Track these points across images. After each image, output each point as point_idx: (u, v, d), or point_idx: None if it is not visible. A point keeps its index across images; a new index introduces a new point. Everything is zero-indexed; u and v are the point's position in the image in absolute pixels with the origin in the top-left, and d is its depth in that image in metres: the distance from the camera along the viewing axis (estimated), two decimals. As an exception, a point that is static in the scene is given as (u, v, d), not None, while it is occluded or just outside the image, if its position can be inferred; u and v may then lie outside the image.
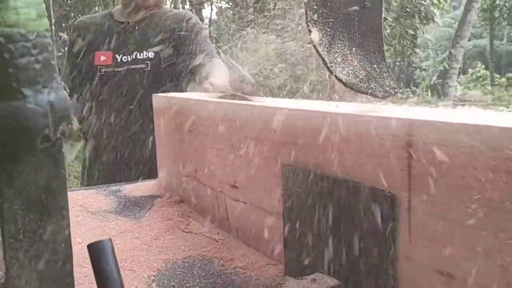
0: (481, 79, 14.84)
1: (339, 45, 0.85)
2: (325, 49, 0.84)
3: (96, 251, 0.48)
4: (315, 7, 0.83)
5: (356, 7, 0.85)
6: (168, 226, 1.26)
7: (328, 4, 0.84)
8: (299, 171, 0.87)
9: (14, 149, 0.43)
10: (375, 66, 0.88)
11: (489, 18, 12.94)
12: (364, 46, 0.87)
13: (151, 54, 2.06)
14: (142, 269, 1.00)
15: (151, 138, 1.78)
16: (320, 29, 0.85)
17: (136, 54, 2.06)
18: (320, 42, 0.84)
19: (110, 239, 0.49)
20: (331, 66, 0.85)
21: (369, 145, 0.70)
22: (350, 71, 0.85)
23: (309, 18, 0.85)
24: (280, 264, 1.01)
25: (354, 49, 0.87)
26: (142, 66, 2.05)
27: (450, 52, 7.46)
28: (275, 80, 8.48)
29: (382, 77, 0.88)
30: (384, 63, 0.89)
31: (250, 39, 9.13)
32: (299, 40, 9.11)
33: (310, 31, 0.86)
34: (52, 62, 0.42)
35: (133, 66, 2.05)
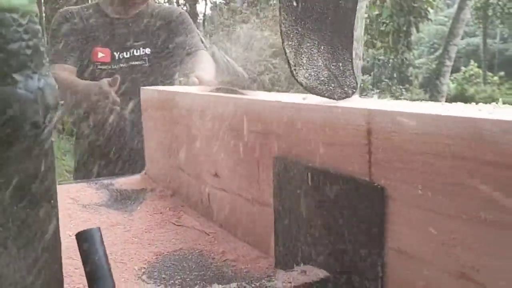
0: (473, 77, 14.92)
1: (308, 44, 0.84)
2: (293, 50, 0.83)
3: (85, 240, 0.48)
4: (288, 5, 0.82)
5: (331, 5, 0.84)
6: (159, 220, 1.26)
7: (302, 3, 0.83)
8: (289, 164, 0.87)
9: (2, 135, 0.43)
10: (340, 64, 0.87)
11: (482, 17, 13.00)
12: (333, 43, 0.86)
13: (148, 51, 2.08)
14: (132, 262, 1.00)
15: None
16: (291, 29, 0.84)
17: (133, 51, 2.07)
18: (289, 43, 0.83)
19: (99, 228, 0.49)
20: (295, 69, 0.84)
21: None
22: (312, 73, 0.85)
23: (282, 18, 0.84)
24: (270, 257, 1.01)
25: (323, 47, 0.86)
26: (141, 62, 2.07)
27: (444, 50, 7.49)
28: (269, 75, 8.48)
29: (344, 75, 0.87)
30: (350, 60, 0.88)
31: (244, 34, 9.12)
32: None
33: (281, 31, 0.85)
34: (42, 49, 0.42)
35: (132, 63, 2.06)
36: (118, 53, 2.08)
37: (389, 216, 0.69)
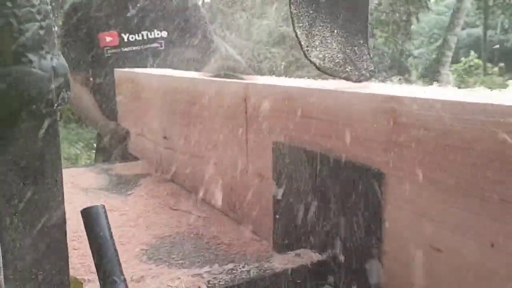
0: (473, 68, 14.90)
1: (320, 27, 0.85)
2: (304, 32, 0.84)
3: (90, 216, 0.49)
4: None
5: None
6: (156, 204, 1.28)
7: None
8: (287, 148, 0.88)
9: (16, 113, 0.44)
10: (356, 48, 0.89)
11: (483, 7, 12.94)
12: (347, 27, 0.87)
13: (164, 34, 2.02)
14: (132, 244, 1.02)
15: None
16: (302, 11, 0.85)
17: (147, 34, 2.01)
18: (300, 25, 0.84)
19: (103, 205, 0.50)
20: (307, 49, 0.85)
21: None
22: (326, 55, 0.86)
23: (291, 0, 0.85)
24: (263, 240, 1.03)
25: (336, 31, 0.87)
26: (156, 45, 2.01)
27: (444, 40, 7.48)
28: (267, 63, 8.47)
29: (361, 59, 0.89)
30: (366, 45, 0.90)
31: (243, 23, 9.09)
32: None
33: (291, 13, 0.86)
34: (54, 29, 0.43)
35: (144, 46, 2.00)
36: (128, 34, 2.02)
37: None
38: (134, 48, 2.03)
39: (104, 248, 0.48)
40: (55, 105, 0.45)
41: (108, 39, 1.99)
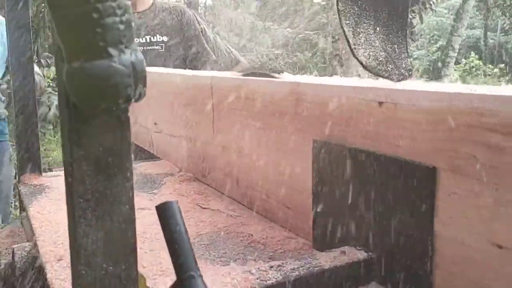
0: (474, 69, 14.93)
1: (365, 24, 0.86)
2: (351, 29, 0.85)
3: (165, 211, 0.49)
4: None
5: None
6: (185, 202, 1.28)
7: None
8: (331, 147, 0.88)
9: (95, 108, 0.44)
10: (396, 46, 0.89)
11: (483, 9, 12.97)
12: (389, 25, 0.88)
13: (165, 38, 2.33)
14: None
15: None
16: (348, 8, 0.86)
17: (150, 38, 2.32)
18: (347, 22, 0.85)
19: (177, 201, 0.50)
20: (354, 48, 0.86)
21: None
22: (371, 53, 0.87)
23: None
24: (299, 238, 1.03)
25: (378, 28, 0.88)
26: (157, 48, 2.30)
27: (448, 41, 7.50)
28: (270, 65, 8.47)
29: (400, 58, 0.89)
30: (405, 43, 0.90)
31: (246, 25, 9.10)
32: (295, 27, 9.08)
33: (339, 10, 0.87)
34: (132, 24, 0.43)
35: (148, 48, 2.30)
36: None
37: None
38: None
39: (180, 243, 0.48)
40: (133, 100, 0.46)
41: None
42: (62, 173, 1.63)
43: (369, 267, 0.80)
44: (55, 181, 1.46)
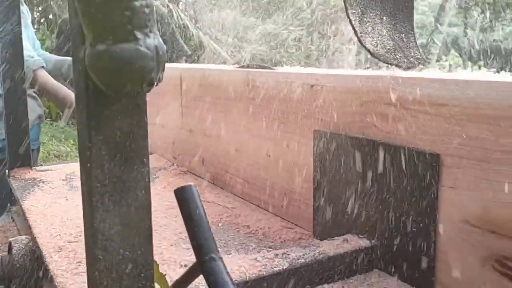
0: (453, 66, 15.13)
1: (371, 14, 0.87)
2: (357, 18, 0.86)
3: (184, 195, 0.50)
4: None
5: None
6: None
7: None
8: (332, 136, 0.89)
9: (120, 91, 0.44)
10: (403, 36, 0.91)
11: (463, 7, 13.15)
12: (395, 15, 0.89)
13: None
14: (168, 233, 1.02)
15: None
16: None
17: None
18: (353, 11, 0.86)
19: (195, 184, 0.51)
20: (361, 36, 0.87)
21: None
22: (378, 41, 0.88)
23: None
24: (296, 227, 1.04)
25: (385, 18, 0.89)
26: None
27: (430, 38, 7.60)
28: (254, 61, 8.46)
29: (408, 47, 0.91)
30: (412, 33, 0.92)
31: (229, 21, 9.06)
32: (279, 23, 9.09)
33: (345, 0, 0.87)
34: (154, 8, 0.43)
35: None
36: None
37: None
38: None
39: (200, 226, 0.48)
40: (155, 84, 0.46)
41: None
42: (53, 167, 1.62)
43: (372, 254, 0.81)
44: (46, 175, 1.44)
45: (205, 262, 0.46)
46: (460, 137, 0.69)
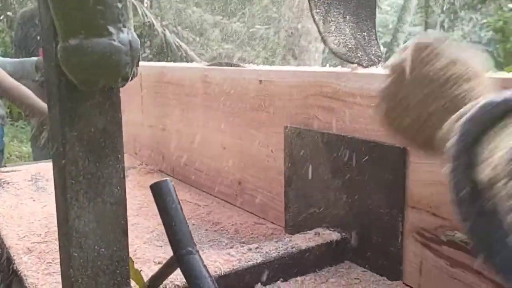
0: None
1: (335, 13, 0.89)
2: (321, 17, 0.88)
3: (160, 190, 0.50)
4: None
5: None
6: (151, 195, 1.27)
7: None
8: (303, 132, 0.91)
9: (94, 87, 0.44)
10: (365, 34, 0.93)
11: (424, 6, 13.49)
12: (358, 14, 0.91)
13: None
14: (140, 231, 1.01)
15: None
16: None
17: None
18: (317, 11, 0.88)
19: (171, 180, 0.51)
20: (324, 35, 0.89)
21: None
22: (341, 40, 0.90)
23: None
24: (268, 223, 1.06)
25: (348, 17, 0.91)
26: None
27: (393, 37, 7.76)
28: (221, 60, 8.43)
29: (369, 45, 0.93)
30: (374, 31, 0.94)
31: (195, 19, 9.00)
32: (245, 21, 9.09)
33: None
34: (128, 3, 0.43)
35: None
36: None
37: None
38: None
39: (177, 220, 0.48)
40: (130, 78, 0.46)
41: None
42: (18, 168, 1.57)
43: (342, 246, 0.83)
44: (11, 176, 1.41)
45: (182, 255, 0.47)
46: None
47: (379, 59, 0.91)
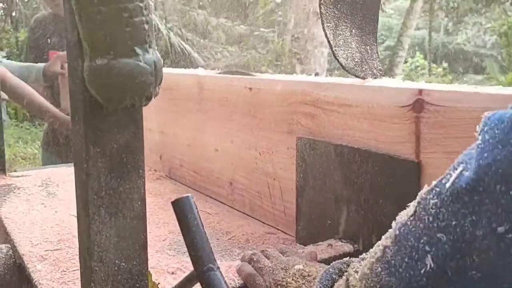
0: (419, 68, 15.48)
1: (343, 27, 0.90)
2: (331, 31, 0.89)
3: (182, 207, 0.50)
4: None
5: None
6: (161, 202, 1.28)
7: None
8: (315, 143, 0.91)
9: (119, 105, 0.45)
10: (368, 48, 0.94)
11: (428, 10, 13.49)
12: (362, 27, 0.92)
13: None
14: (151, 240, 1.01)
15: None
16: (329, 11, 0.89)
17: None
18: (328, 25, 0.88)
19: (192, 195, 0.51)
20: (335, 50, 0.90)
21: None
22: (349, 54, 0.90)
23: (321, 1, 0.89)
24: (280, 233, 1.06)
25: (354, 30, 0.91)
26: None
27: (397, 41, 7.76)
28: (225, 62, 8.45)
29: (372, 58, 0.94)
30: (375, 45, 0.95)
31: (199, 21, 9.02)
32: (250, 24, 9.10)
33: (321, 13, 0.89)
34: (153, 24, 0.44)
35: None
36: None
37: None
38: None
39: (198, 237, 0.49)
40: (153, 97, 0.46)
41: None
42: (28, 173, 1.58)
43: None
44: (22, 182, 1.42)
45: (203, 272, 0.47)
46: (359, 130, 0.85)
47: (380, 72, 0.92)
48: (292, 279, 0.65)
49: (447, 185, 0.36)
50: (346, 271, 0.55)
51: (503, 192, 0.32)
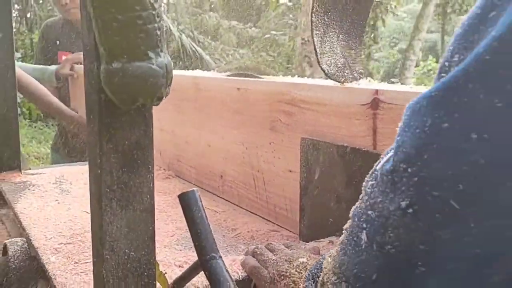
0: (431, 71, 15.42)
1: (331, 33, 0.93)
2: (319, 39, 0.92)
3: (188, 200, 0.54)
4: None
5: None
6: (170, 200, 1.32)
7: None
8: (319, 143, 0.95)
9: (132, 105, 0.48)
10: (353, 52, 0.97)
11: (441, 13, 13.44)
12: (350, 32, 0.95)
13: None
14: (160, 236, 1.05)
15: None
16: (320, 19, 0.92)
17: None
18: (317, 32, 0.91)
19: (198, 189, 0.55)
20: (320, 57, 0.93)
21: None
22: (332, 61, 0.94)
23: (314, 10, 0.92)
24: (284, 230, 1.10)
25: (341, 36, 0.94)
26: None
27: (409, 44, 7.76)
28: (236, 64, 8.51)
29: (355, 62, 0.97)
30: (360, 48, 0.98)
31: (210, 24, 9.09)
32: (261, 27, 9.16)
33: (312, 21, 0.92)
34: (164, 30, 0.48)
35: None
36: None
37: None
38: None
39: (202, 228, 0.52)
40: (164, 98, 0.50)
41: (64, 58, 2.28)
42: (42, 170, 1.63)
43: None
44: (36, 179, 1.47)
45: (206, 260, 0.51)
46: (330, 127, 0.93)
47: (361, 75, 0.96)
48: (296, 271, 0.68)
49: (378, 167, 0.41)
50: None
51: (404, 169, 0.37)
